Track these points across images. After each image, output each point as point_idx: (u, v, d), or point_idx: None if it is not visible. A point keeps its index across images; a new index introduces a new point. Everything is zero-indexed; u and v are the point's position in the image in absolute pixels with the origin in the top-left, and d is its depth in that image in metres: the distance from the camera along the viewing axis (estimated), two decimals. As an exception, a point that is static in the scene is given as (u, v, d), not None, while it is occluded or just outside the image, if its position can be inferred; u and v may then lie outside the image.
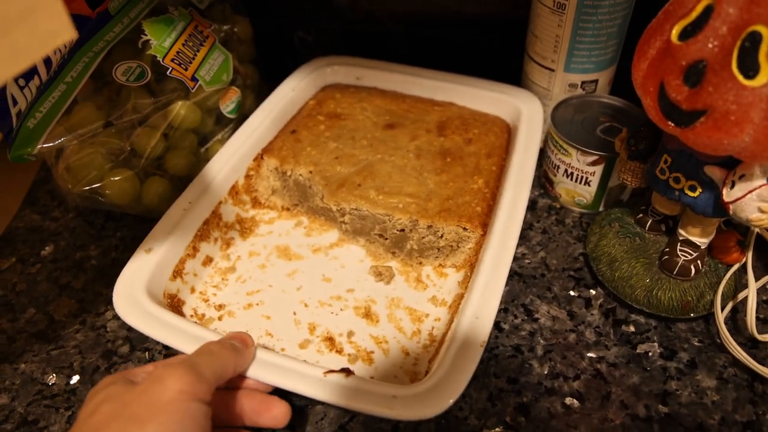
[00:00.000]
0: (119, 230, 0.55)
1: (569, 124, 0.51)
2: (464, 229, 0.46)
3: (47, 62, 0.44)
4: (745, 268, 0.43)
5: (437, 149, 0.52)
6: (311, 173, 0.50)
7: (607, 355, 0.42)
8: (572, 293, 0.47)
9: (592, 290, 0.47)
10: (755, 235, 0.45)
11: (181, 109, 0.50)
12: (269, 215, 0.54)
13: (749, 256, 0.44)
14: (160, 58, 0.49)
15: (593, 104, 0.53)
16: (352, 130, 0.54)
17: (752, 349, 0.42)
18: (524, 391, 0.41)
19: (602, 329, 0.44)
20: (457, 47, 0.65)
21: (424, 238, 0.47)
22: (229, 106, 0.55)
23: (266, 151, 0.53)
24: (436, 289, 0.47)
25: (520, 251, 0.50)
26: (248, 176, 0.53)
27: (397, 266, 0.49)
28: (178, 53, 0.50)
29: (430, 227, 0.46)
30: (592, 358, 0.42)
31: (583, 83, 0.54)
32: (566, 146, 0.49)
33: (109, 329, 0.46)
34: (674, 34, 0.32)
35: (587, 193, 0.51)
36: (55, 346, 0.45)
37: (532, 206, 0.54)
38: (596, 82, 0.54)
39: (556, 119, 0.51)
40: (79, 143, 0.46)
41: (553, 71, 0.54)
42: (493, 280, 0.40)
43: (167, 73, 0.49)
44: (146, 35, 0.49)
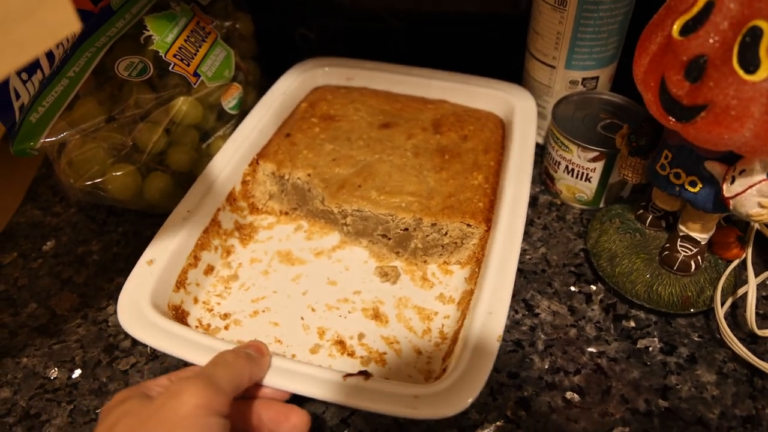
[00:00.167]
0: (121, 225, 0.55)
1: (570, 120, 0.51)
2: (468, 225, 0.46)
3: (50, 56, 0.44)
4: (744, 263, 0.43)
5: (434, 147, 0.52)
6: (310, 176, 0.50)
7: (607, 349, 0.43)
8: (573, 289, 0.47)
9: (592, 286, 0.47)
10: (755, 231, 0.45)
11: (183, 104, 0.50)
12: (268, 220, 0.53)
13: (749, 251, 0.44)
14: (162, 53, 0.49)
15: (594, 101, 0.53)
16: (347, 131, 0.54)
17: (752, 344, 0.42)
18: (525, 385, 0.41)
19: (603, 324, 0.44)
20: (457, 44, 0.65)
21: (428, 236, 0.47)
22: (230, 102, 0.55)
23: (261, 155, 0.52)
24: (442, 286, 0.47)
25: (521, 247, 0.50)
26: (245, 182, 0.52)
27: (401, 266, 0.48)
28: (180, 49, 0.50)
29: (434, 225, 0.46)
30: (592, 352, 0.42)
31: (584, 80, 0.54)
32: (567, 143, 0.49)
33: (110, 324, 0.46)
34: (675, 29, 0.32)
35: (588, 189, 0.51)
36: (56, 340, 0.46)
37: (533, 203, 0.55)
38: (597, 78, 0.54)
39: (557, 116, 0.51)
40: (81, 138, 0.46)
41: (554, 68, 0.54)
42: (502, 274, 0.40)
43: (169, 68, 0.49)
44: (148, 31, 0.49)
